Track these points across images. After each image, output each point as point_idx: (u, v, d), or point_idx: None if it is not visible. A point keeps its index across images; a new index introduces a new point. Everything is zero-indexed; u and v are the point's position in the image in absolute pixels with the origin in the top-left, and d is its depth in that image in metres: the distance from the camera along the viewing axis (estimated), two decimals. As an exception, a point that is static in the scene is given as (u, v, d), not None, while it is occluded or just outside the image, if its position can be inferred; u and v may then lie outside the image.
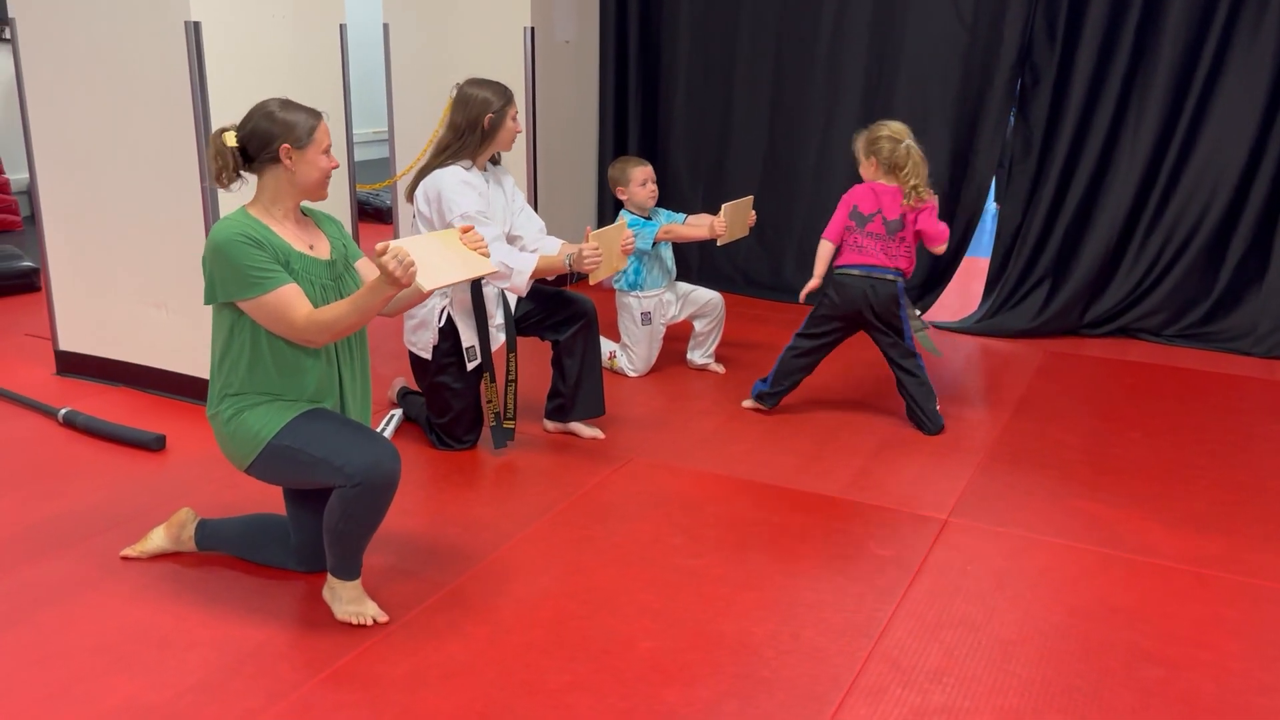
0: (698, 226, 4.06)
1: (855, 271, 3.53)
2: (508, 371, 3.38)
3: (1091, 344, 4.72)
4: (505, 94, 3.29)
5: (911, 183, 3.47)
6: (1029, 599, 2.59)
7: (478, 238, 2.47)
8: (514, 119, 3.30)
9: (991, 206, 7.27)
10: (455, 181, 3.19)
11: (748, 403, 3.80)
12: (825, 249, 3.60)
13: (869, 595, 2.59)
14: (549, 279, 3.53)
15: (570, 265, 3.18)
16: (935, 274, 5.12)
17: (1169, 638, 2.43)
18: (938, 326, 4.94)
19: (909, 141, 3.49)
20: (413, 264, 2.19)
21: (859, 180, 3.63)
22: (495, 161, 3.44)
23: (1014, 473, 3.32)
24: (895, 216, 3.52)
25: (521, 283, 3.18)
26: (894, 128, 3.52)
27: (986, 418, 3.80)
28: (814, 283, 3.61)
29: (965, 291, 5.42)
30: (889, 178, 3.53)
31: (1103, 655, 2.36)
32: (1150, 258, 4.72)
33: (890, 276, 3.53)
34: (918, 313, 3.71)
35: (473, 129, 3.25)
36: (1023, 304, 4.85)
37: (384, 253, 2.17)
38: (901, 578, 2.67)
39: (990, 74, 4.80)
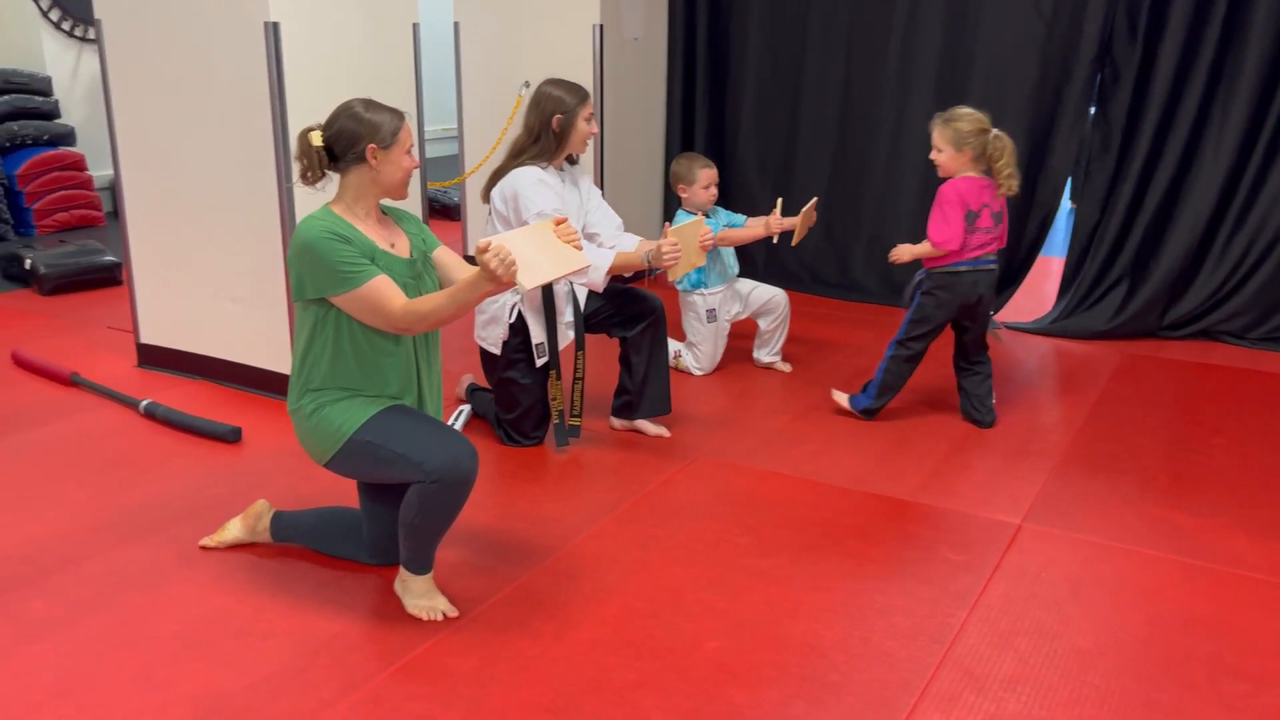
0: (753, 227, 4.02)
1: (964, 267, 3.45)
2: (575, 369, 3.39)
3: (1171, 346, 4.59)
4: (579, 94, 3.29)
5: (1006, 173, 3.38)
6: (1106, 608, 2.53)
7: (570, 230, 2.48)
8: (587, 120, 3.30)
9: (1067, 205, 7.12)
10: (531, 181, 3.21)
11: (841, 399, 3.71)
12: (933, 252, 3.45)
13: (941, 600, 2.55)
14: (625, 276, 3.54)
15: (649, 261, 3.18)
16: (1008, 273, 5.02)
17: (1254, 651, 2.35)
18: (1010, 327, 4.84)
19: (996, 130, 3.40)
20: (514, 262, 2.20)
21: (931, 175, 3.56)
22: (572, 161, 3.45)
23: (1090, 478, 3.25)
24: (999, 208, 3.47)
25: (598, 278, 3.19)
26: (979, 117, 3.40)
27: (1061, 421, 3.72)
28: (904, 255, 3.51)
29: (1039, 291, 5.31)
30: (976, 167, 3.42)
31: (1184, 668, 2.29)
32: (1235, 258, 4.57)
33: (993, 264, 3.52)
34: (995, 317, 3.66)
35: (546, 129, 3.26)
36: (1099, 304, 4.73)
37: (485, 250, 2.19)
38: (974, 583, 2.63)
39: (1069, 69, 4.68)
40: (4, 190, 6.35)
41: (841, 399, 3.71)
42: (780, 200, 3.96)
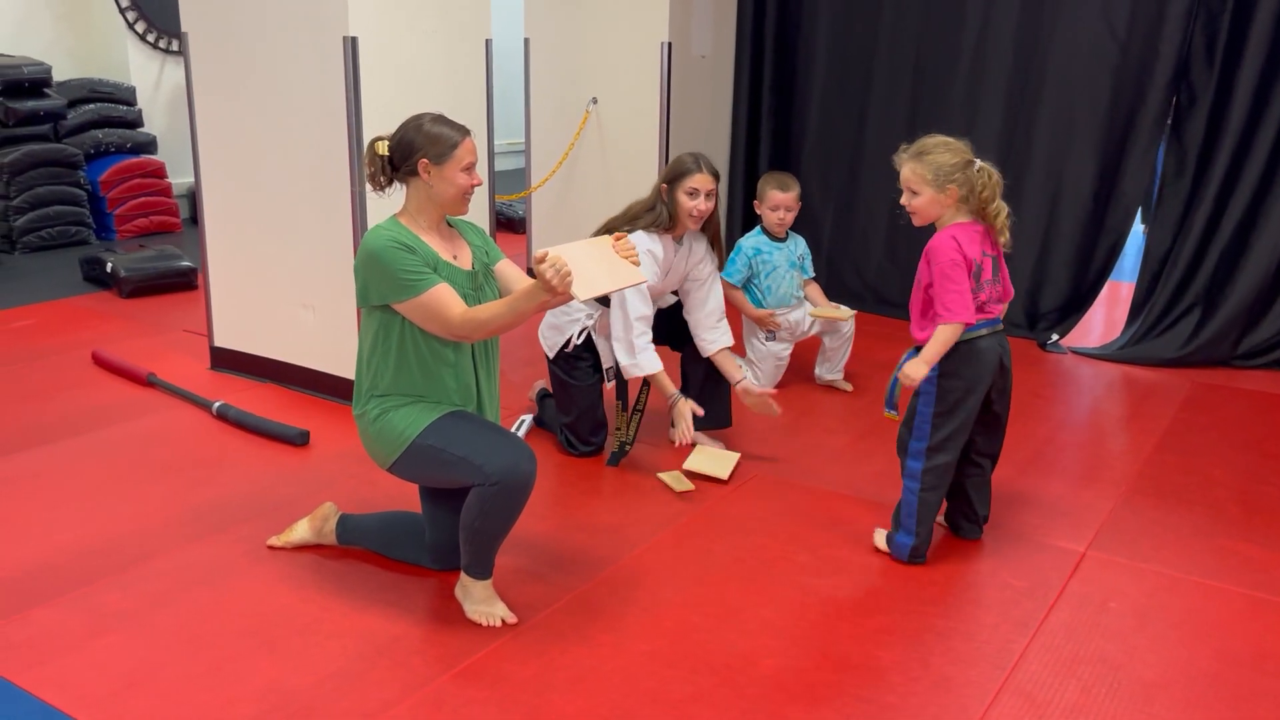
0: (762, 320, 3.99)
1: (983, 330, 2.70)
2: (637, 401, 3.41)
3: (1245, 376, 4.48)
4: (679, 166, 3.23)
5: (1001, 217, 2.68)
6: (1173, 640, 2.47)
7: (629, 246, 2.51)
8: (688, 193, 3.21)
9: (1138, 229, 6.99)
10: (641, 245, 3.17)
11: (880, 541, 2.89)
12: (956, 334, 2.64)
13: (1002, 626, 2.52)
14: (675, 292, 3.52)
15: (672, 409, 3.25)
16: (1076, 298, 4.95)
17: (1329, 691, 2.29)
18: (1076, 352, 4.76)
19: (980, 161, 2.68)
20: (569, 274, 2.23)
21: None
22: (705, 232, 3.38)
23: (1158, 507, 3.18)
24: (997, 254, 2.76)
25: (635, 374, 3.24)
26: (960, 147, 2.68)
27: (1128, 449, 3.65)
28: (922, 371, 2.65)
29: (1108, 317, 5.22)
30: (964, 209, 2.69)
31: (1254, 705, 2.24)
32: (1313, 287, 4.46)
33: (1001, 324, 2.78)
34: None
35: (660, 199, 3.26)
36: (1170, 331, 4.64)
37: (542, 260, 2.23)
38: (1036, 610, 2.59)
39: (1143, 91, 4.62)
40: (88, 196, 6.57)
41: (880, 541, 2.89)
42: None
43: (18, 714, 2.13)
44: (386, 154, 2.47)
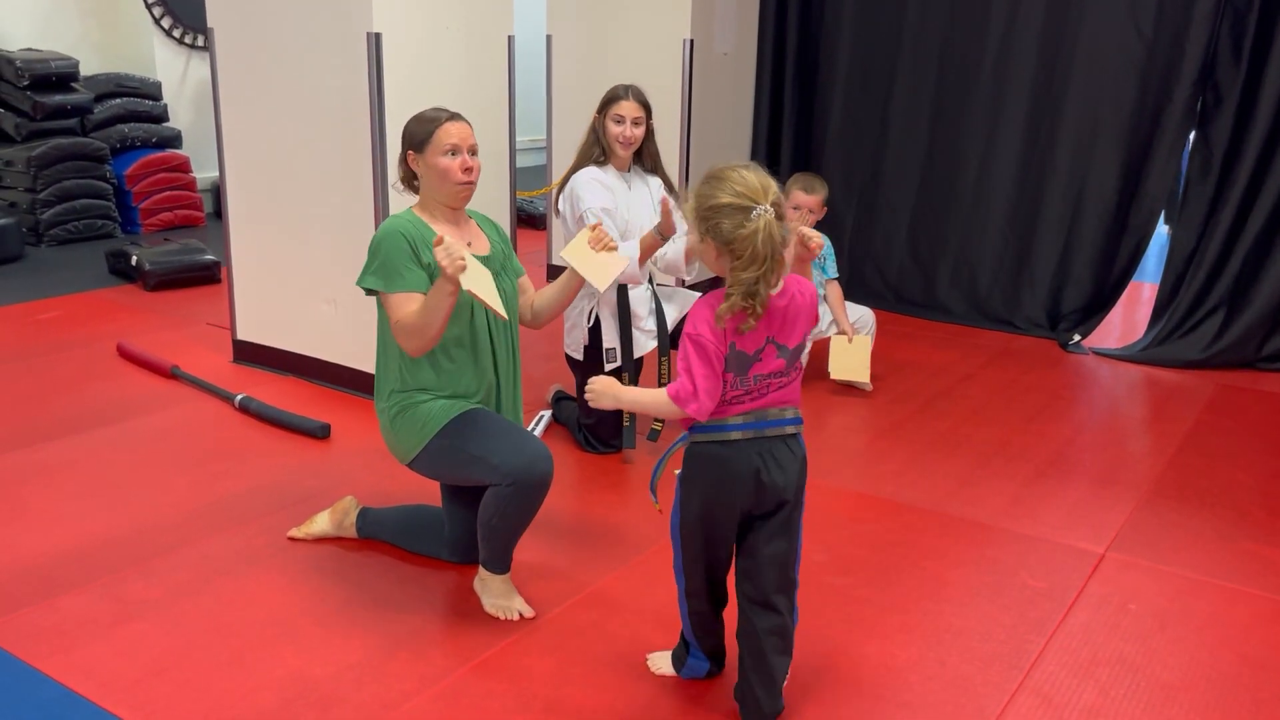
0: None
1: (735, 435, 2.03)
2: (660, 376, 3.42)
3: (1270, 379, 4.44)
4: (608, 94, 3.37)
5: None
6: (1193, 643, 2.46)
7: (602, 236, 2.51)
8: (615, 120, 3.33)
9: (1161, 230, 6.93)
10: (586, 179, 3.32)
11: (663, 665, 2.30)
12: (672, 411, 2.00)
13: (1020, 626, 2.51)
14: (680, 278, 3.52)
15: (659, 233, 3.17)
16: (1099, 298, 4.92)
17: (1351, 696, 2.27)
18: (1098, 353, 4.73)
19: (764, 208, 1.88)
20: (462, 259, 2.20)
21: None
22: (649, 169, 3.49)
23: (1179, 510, 3.16)
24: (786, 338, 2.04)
25: (634, 270, 3.23)
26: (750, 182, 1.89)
27: (1150, 450, 3.63)
28: (606, 400, 2.09)
29: (1130, 318, 5.19)
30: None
31: (1275, 709, 2.22)
32: (1340, 289, 4.42)
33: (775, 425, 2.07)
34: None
35: (594, 132, 3.38)
36: (1194, 333, 4.60)
37: (439, 243, 2.21)
38: (1054, 610, 2.58)
39: (1169, 91, 4.58)
40: (113, 189, 6.63)
41: (661, 663, 2.31)
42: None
43: (43, 700, 2.16)
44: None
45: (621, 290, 3.34)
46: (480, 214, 2.67)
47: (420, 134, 2.45)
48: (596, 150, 3.38)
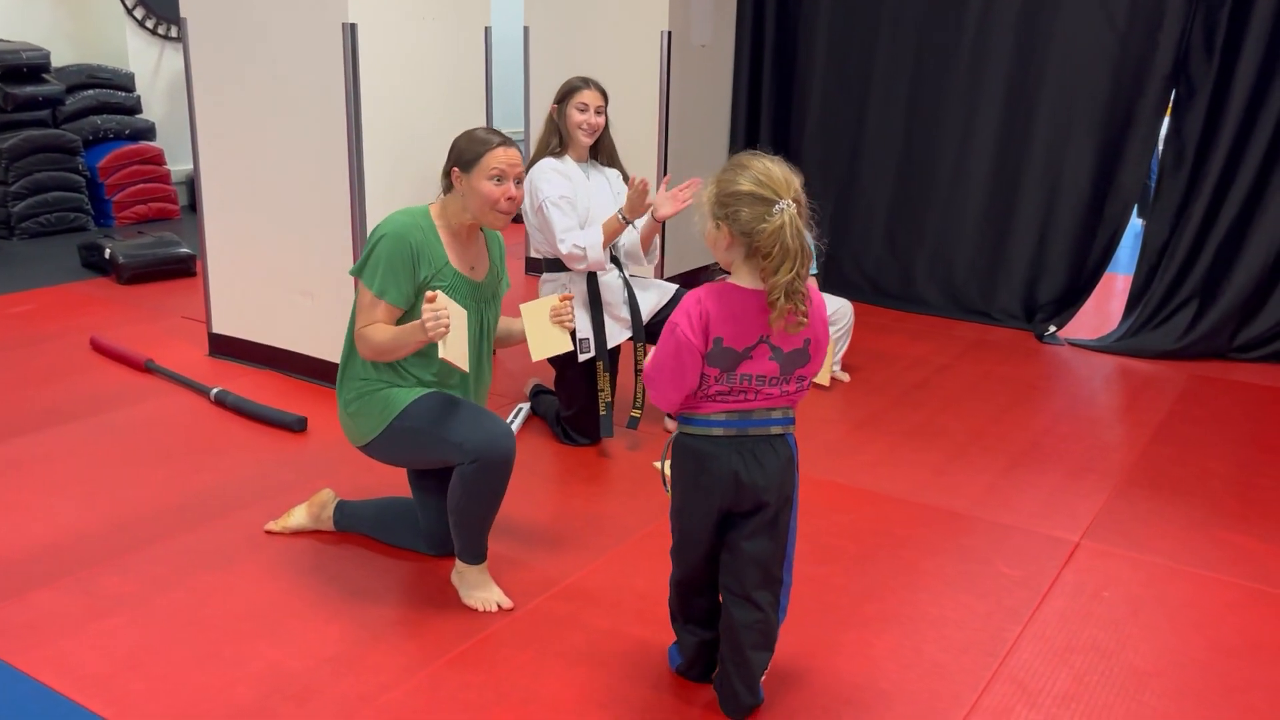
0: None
1: (718, 430, 2.05)
2: (636, 363, 3.43)
3: (1241, 369, 4.49)
4: (566, 85, 3.38)
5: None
6: (1166, 630, 2.49)
7: (566, 311, 2.52)
8: (578, 108, 3.35)
9: (1135, 221, 6.99)
10: (545, 170, 3.32)
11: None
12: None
13: (995, 614, 2.53)
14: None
15: (623, 217, 3.22)
16: (1073, 290, 4.96)
17: (1319, 680, 2.30)
18: (1073, 343, 4.77)
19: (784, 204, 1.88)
20: (446, 324, 2.24)
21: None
22: (605, 163, 3.50)
23: (1153, 499, 3.20)
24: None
25: (597, 256, 3.24)
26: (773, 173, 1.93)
27: (1124, 440, 3.67)
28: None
29: (1104, 309, 5.23)
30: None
31: (1246, 694, 2.25)
32: (1311, 280, 4.47)
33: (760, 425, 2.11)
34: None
35: (552, 123, 3.39)
36: (1167, 324, 4.65)
37: (434, 300, 2.24)
38: (1030, 598, 2.61)
39: (1142, 84, 4.62)
40: (86, 182, 6.56)
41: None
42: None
43: (17, 695, 2.14)
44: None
45: (592, 279, 3.35)
46: (495, 235, 2.66)
47: (469, 154, 2.45)
48: (554, 141, 3.39)
